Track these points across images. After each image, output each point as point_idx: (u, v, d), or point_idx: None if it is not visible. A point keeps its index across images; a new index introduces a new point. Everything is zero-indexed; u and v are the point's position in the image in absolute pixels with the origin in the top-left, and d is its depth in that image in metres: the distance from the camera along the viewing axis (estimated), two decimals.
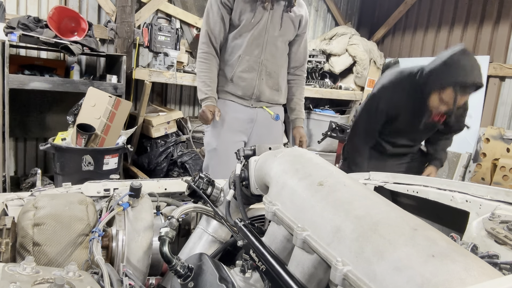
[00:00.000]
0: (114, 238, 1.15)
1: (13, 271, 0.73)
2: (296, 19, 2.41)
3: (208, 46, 2.34)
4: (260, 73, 2.37)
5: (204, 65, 2.35)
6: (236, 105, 2.41)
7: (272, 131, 2.52)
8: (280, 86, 2.48)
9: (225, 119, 2.38)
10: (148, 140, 4.17)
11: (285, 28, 2.37)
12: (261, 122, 2.47)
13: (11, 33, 3.16)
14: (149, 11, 4.33)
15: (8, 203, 1.26)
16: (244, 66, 2.34)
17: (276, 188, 1.10)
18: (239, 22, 2.31)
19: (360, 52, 5.15)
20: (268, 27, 2.32)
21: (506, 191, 1.33)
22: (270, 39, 2.34)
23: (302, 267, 0.90)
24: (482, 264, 0.69)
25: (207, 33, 2.33)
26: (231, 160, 2.38)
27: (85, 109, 3.23)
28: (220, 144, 2.39)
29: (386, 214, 0.84)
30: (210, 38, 2.33)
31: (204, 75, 2.34)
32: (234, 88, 2.38)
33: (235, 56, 2.34)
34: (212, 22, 2.31)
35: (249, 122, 2.44)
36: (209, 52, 2.34)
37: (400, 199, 1.69)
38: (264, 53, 2.35)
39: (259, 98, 2.43)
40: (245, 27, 2.30)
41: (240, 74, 2.35)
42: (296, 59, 2.55)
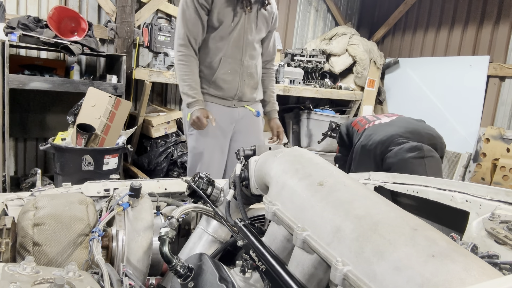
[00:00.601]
0: (114, 238, 1.15)
1: (13, 271, 0.73)
2: (269, 16, 2.45)
3: (187, 48, 2.29)
4: (241, 75, 2.39)
5: (186, 68, 2.30)
6: (218, 107, 2.40)
7: (254, 127, 2.58)
8: (258, 84, 2.55)
9: (209, 122, 2.36)
10: (148, 140, 4.17)
11: (260, 27, 2.42)
12: (243, 120, 2.51)
13: (11, 33, 3.16)
14: (149, 11, 4.33)
15: (8, 203, 1.26)
16: (226, 69, 2.34)
17: (276, 188, 1.10)
18: (218, 24, 2.29)
19: (360, 52, 5.15)
20: (246, 29, 2.34)
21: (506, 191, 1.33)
22: (249, 40, 2.37)
23: (302, 267, 0.90)
24: (482, 264, 0.69)
25: (186, 35, 2.27)
26: (216, 162, 2.43)
27: (85, 109, 3.23)
28: (206, 148, 2.39)
29: (386, 214, 0.84)
30: (189, 40, 2.28)
31: (188, 78, 2.29)
32: (215, 90, 2.38)
33: (216, 58, 2.33)
34: (190, 24, 2.26)
35: (231, 122, 2.47)
36: (189, 54, 2.29)
37: (400, 199, 1.69)
38: (244, 54, 2.37)
39: (241, 99, 2.46)
40: (224, 29, 2.29)
41: (222, 76, 2.35)
42: (267, 54, 2.61)
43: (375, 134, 2.56)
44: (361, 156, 2.56)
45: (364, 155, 2.54)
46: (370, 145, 2.51)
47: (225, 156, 2.51)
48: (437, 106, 4.92)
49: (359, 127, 2.72)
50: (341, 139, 2.93)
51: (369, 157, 2.51)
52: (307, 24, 5.67)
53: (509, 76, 4.46)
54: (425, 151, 2.38)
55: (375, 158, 2.48)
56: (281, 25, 5.44)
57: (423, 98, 5.06)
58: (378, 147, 2.47)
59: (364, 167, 2.52)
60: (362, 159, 2.55)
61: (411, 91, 5.24)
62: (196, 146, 2.43)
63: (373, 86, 5.33)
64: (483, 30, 4.70)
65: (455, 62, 4.86)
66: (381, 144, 2.47)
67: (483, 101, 4.58)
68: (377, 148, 2.48)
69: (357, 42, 5.21)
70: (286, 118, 5.42)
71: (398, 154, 2.37)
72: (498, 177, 4.15)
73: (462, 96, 4.71)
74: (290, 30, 5.53)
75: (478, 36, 4.75)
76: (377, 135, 2.54)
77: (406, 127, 2.53)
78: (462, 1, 4.89)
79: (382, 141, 2.48)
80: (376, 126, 2.63)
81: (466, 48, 4.85)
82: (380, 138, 2.49)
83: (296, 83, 4.80)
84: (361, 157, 2.56)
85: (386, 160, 2.43)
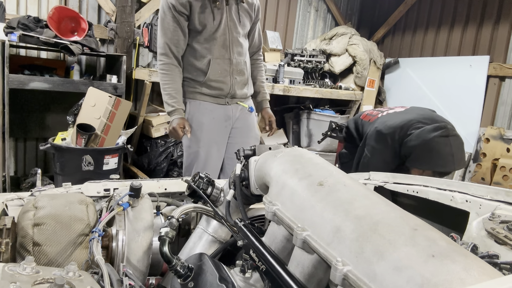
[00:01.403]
0: (114, 238, 1.15)
1: (13, 271, 0.73)
2: (250, 8, 2.44)
3: (168, 57, 2.30)
4: (232, 73, 2.40)
5: (167, 77, 2.32)
6: (212, 105, 2.42)
7: (250, 123, 2.58)
8: (248, 80, 2.54)
9: (203, 121, 2.39)
10: (148, 140, 4.17)
11: (243, 22, 2.41)
12: (239, 116, 2.51)
13: (11, 33, 3.16)
14: (149, 11, 4.33)
15: (8, 203, 1.26)
16: (216, 70, 2.35)
17: (276, 188, 1.10)
18: (201, 27, 2.29)
19: (360, 52, 5.15)
20: (230, 26, 2.33)
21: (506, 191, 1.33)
22: (234, 38, 2.37)
23: (302, 267, 0.90)
24: (482, 264, 0.69)
25: (166, 44, 2.28)
26: (213, 160, 2.44)
27: (85, 109, 3.23)
28: (202, 146, 2.40)
29: (386, 214, 0.84)
30: (170, 48, 2.29)
31: (169, 87, 2.31)
32: (208, 90, 2.39)
33: (205, 61, 2.33)
34: (169, 32, 2.27)
35: (226, 119, 2.46)
36: (170, 63, 2.31)
37: (400, 199, 1.69)
38: (231, 53, 2.37)
39: (233, 96, 2.46)
40: (208, 31, 2.29)
41: (213, 77, 2.36)
42: (254, 46, 2.62)
43: (391, 121, 2.46)
44: (377, 142, 2.43)
45: (381, 142, 2.41)
46: (387, 129, 2.40)
47: (222, 154, 2.51)
48: (437, 106, 4.91)
49: (371, 117, 2.63)
50: (348, 134, 2.86)
51: (385, 143, 2.40)
52: (307, 24, 5.67)
53: (509, 76, 4.46)
54: (450, 130, 2.28)
55: (393, 143, 2.37)
56: (281, 25, 5.44)
57: (423, 98, 5.05)
58: (397, 132, 2.37)
59: (379, 154, 2.43)
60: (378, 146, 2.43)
61: (411, 91, 5.23)
62: (191, 145, 2.43)
63: (373, 86, 5.33)
64: (483, 30, 4.70)
65: (455, 62, 4.86)
66: (399, 129, 2.36)
67: (483, 101, 4.58)
68: (395, 133, 2.37)
69: (357, 42, 5.21)
70: (286, 118, 5.42)
71: (420, 136, 2.26)
72: (498, 177, 4.16)
73: (462, 96, 4.71)
74: (290, 30, 5.53)
75: (478, 36, 4.75)
76: (393, 121, 2.44)
77: (423, 114, 2.46)
78: (462, 1, 4.89)
79: (401, 126, 2.37)
80: (390, 114, 2.54)
81: (466, 48, 4.85)
82: (398, 123, 2.39)
83: (296, 83, 4.80)
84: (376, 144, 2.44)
85: (406, 144, 2.31)
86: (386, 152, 2.41)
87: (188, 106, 2.43)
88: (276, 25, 5.39)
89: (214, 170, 2.46)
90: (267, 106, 2.70)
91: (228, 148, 2.53)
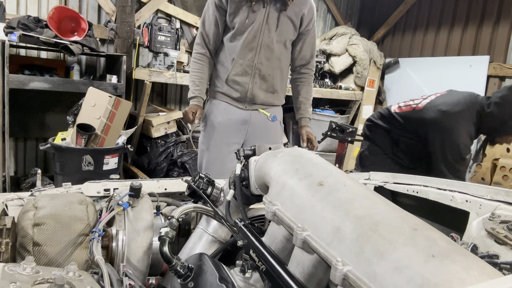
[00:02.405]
0: (114, 238, 1.15)
1: (13, 271, 0.73)
2: (296, 17, 2.32)
3: (202, 47, 2.37)
4: (253, 76, 2.34)
5: (197, 65, 2.38)
6: (230, 107, 2.40)
7: (269, 132, 2.48)
8: (276, 88, 2.43)
9: (219, 120, 2.39)
10: (148, 140, 4.17)
11: (282, 28, 2.30)
12: (256, 123, 2.43)
13: (11, 33, 3.16)
14: (149, 11, 4.33)
15: (8, 203, 1.26)
16: (238, 70, 2.32)
17: (276, 188, 1.10)
18: (232, 24, 2.28)
19: (360, 52, 5.15)
20: (263, 29, 2.27)
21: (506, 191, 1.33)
22: (265, 42, 2.29)
23: (302, 267, 0.90)
24: (482, 264, 0.69)
25: (202, 35, 2.36)
26: (224, 160, 2.38)
27: (85, 109, 3.23)
28: (212, 145, 2.40)
29: (386, 214, 0.84)
30: (204, 40, 2.36)
31: (195, 75, 2.38)
32: (229, 90, 2.38)
33: (230, 59, 2.34)
34: (207, 24, 2.34)
35: (242, 123, 2.41)
36: (203, 53, 2.37)
37: (400, 199, 1.69)
38: (258, 56, 2.31)
39: (253, 101, 2.39)
40: (239, 29, 2.27)
41: (234, 77, 2.34)
42: (301, 58, 2.49)
43: (452, 99, 2.38)
44: (455, 121, 2.31)
45: (458, 119, 2.31)
46: (458, 106, 2.31)
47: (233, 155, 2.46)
48: None
49: (415, 106, 2.51)
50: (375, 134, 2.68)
51: (464, 118, 2.30)
52: None
53: (509, 76, 4.46)
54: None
55: (471, 117, 2.30)
56: None
57: None
58: (470, 106, 2.30)
59: (464, 132, 2.32)
60: (458, 125, 2.31)
61: (411, 91, 5.23)
62: (203, 141, 2.46)
63: (373, 86, 5.33)
64: (483, 30, 4.70)
65: (455, 62, 4.86)
66: (470, 103, 2.31)
67: None
68: (468, 107, 2.30)
69: (357, 42, 5.21)
70: (286, 118, 5.42)
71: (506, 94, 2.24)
72: (498, 177, 4.16)
73: None
74: None
75: (478, 36, 4.75)
76: (455, 99, 2.37)
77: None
78: (462, 1, 4.89)
79: (469, 100, 2.32)
80: (441, 96, 2.48)
81: (466, 48, 4.85)
82: (462, 99, 2.34)
83: None
84: (455, 123, 2.31)
85: (495, 111, 2.26)
86: (469, 126, 2.34)
87: (208, 104, 2.47)
88: None
89: (223, 171, 2.39)
90: (305, 125, 2.56)
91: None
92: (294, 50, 2.46)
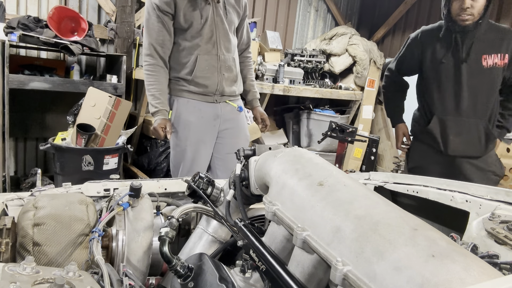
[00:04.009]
0: (114, 238, 1.15)
1: (13, 271, 0.73)
2: (238, 4, 2.44)
3: (153, 58, 2.30)
4: (220, 69, 2.37)
5: (152, 78, 2.31)
6: (199, 104, 2.40)
7: (239, 123, 2.56)
8: (237, 77, 2.51)
9: (191, 120, 2.38)
10: (148, 140, 4.17)
11: (230, 18, 2.40)
12: (227, 116, 2.48)
13: (11, 33, 3.17)
14: None
15: (8, 203, 1.26)
16: (204, 66, 2.33)
17: (276, 188, 1.10)
18: (187, 25, 2.28)
19: (360, 52, 5.15)
20: (217, 22, 2.33)
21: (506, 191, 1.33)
22: (221, 33, 2.36)
23: (302, 267, 0.90)
24: (482, 264, 0.69)
25: (151, 45, 2.28)
26: (200, 160, 2.42)
27: (85, 109, 3.23)
28: (189, 145, 2.39)
29: (386, 214, 0.85)
30: (155, 49, 2.29)
31: (153, 87, 2.31)
32: (195, 88, 2.37)
33: (192, 58, 2.32)
34: (154, 33, 2.27)
35: (215, 118, 2.44)
36: (155, 63, 2.30)
37: (400, 199, 1.69)
38: (219, 48, 2.35)
39: (222, 93, 2.44)
40: (194, 28, 2.28)
41: (201, 74, 2.34)
42: (242, 42, 2.61)
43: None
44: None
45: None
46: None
47: (209, 153, 2.48)
48: None
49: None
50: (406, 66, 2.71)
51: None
52: (307, 24, 5.67)
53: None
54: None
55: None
56: (281, 25, 5.44)
57: None
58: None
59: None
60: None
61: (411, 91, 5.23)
62: (179, 143, 2.42)
63: (373, 86, 5.33)
64: None
65: None
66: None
67: None
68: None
69: (357, 42, 5.21)
70: (286, 118, 5.42)
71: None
72: None
73: None
74: (290, 30, 5.53)
75: None
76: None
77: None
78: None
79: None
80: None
81: None
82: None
83: (296, 83, 4.80)
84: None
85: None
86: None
87: (176, 104, 2.41)
88: (276, 25, 5.39)
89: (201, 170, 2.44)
90: (257, 105, 2.70)
91: (217, 148, 2.50)
92: (237, 36, 2.56)
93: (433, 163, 2.54)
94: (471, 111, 2.40)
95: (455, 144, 2.44)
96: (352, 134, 3.05)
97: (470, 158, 2.48)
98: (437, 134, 2.48)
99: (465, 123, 2.42)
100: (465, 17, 2.23)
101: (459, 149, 2.45)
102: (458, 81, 2.38)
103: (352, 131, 3.04)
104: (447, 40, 2.37)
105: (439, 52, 2.42)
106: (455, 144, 2.44)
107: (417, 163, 2.66)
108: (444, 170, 2.46)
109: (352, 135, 3.05)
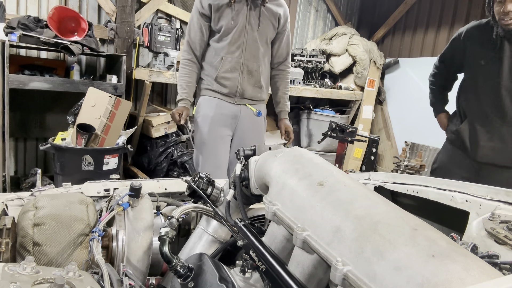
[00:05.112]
0: (114, 238, 1.15)
1: (13, 271, 0.73)
2: (274, 18, 2.56)
3: (188, 54, 2.57)
4: (242, 72, 2.54)
5: (184, 70, 2.58)
6: (221, 102, 2.58)
7: (255, 127, 2.70)
8: (261, 83, 2.63)
9: (211, 115, 2.56)
10: (148, 140, 4.17)
11: (263, 28, 2.53)
12: (245, 118, 2.63)
13: (11, 33, 3.16)
14: (149, 11, 4.33)
15: (8, 203, 1.26)
16: (227, 67, 2.51)
17: (276, 188, 1.10)
18: (219, 27, 2.48)
19: (360, 52, 5.15)
20: (247, 29, 2.48)
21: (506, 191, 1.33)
22: (250, 40, 2.51)
23: (302, 267, 0.90)
24: (482, 264, 0.69)
25: (188, 42, 2.57)
26: (219, 152, 2.58)
27: (85, 109, 3.23)
28: (208, 138, 2.56)
29: (386, 214, 0.84)
30: (190, 46, 2.56)
31: (183, 79, 2.58)
32: (219, 87, 2.56)
33: (218, 58, 2.52)
34: (192, 32, 2.54)
35: (233, 117, 2.61)
36: (190, 59, 2.57)
37: (400, 199, 1.69)
38: (244, 53, 2.51)
39: (242, 96, 2.59)
40: (225, 31, 2.47)
41: (224, 74, 2.52)
42: (279, 55, 2.72)
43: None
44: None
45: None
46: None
47: (227, 149, 2.63)
48: None
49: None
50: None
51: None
52: (307, 24, 5.67)
53: None
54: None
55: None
56: None
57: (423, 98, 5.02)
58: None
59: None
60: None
61: (411, 91, 5.23)
62: (199, 137, 2.60)
63: (373, 86, 5.33)
64: None
65: None
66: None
67: None
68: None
69: (357, 42, 5.21)
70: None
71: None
72: None
73: None
74: (290, 30, 5.53)
75: None
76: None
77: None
78: (462, 1, 4.89)
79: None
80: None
81: None
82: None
83: (296, 83, 4.80)
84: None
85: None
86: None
87: (199, 101, 2.64)
88: None
89: (222, 164, 2.59)
90: (284, 118, 2.82)
91: (232, 148, 2.65)
92: (273, 48, 2.70)
93: (459, 167, 2.45)
94: (506, 117, 2.28)
95: (484, 150, 2.33)
96: (352, 134, 3.05)
97: (499, 167, 2.33)
98: (466, 137, 2.40)
99: (498, 129, 2.30)
100: (508, 21, 2.14)
101: (488, 156, 2.34)
102: (495, 85, 2.28)
103: (352, 131, 3.05)
104: (490, 42, 2.28)
105: (480, 53, 2.34)
106: (485, 150, 2.33)
107: (442, 164, 2.59)
108: (470, 175, 2.36)
109: (352, 135, 3.05)
